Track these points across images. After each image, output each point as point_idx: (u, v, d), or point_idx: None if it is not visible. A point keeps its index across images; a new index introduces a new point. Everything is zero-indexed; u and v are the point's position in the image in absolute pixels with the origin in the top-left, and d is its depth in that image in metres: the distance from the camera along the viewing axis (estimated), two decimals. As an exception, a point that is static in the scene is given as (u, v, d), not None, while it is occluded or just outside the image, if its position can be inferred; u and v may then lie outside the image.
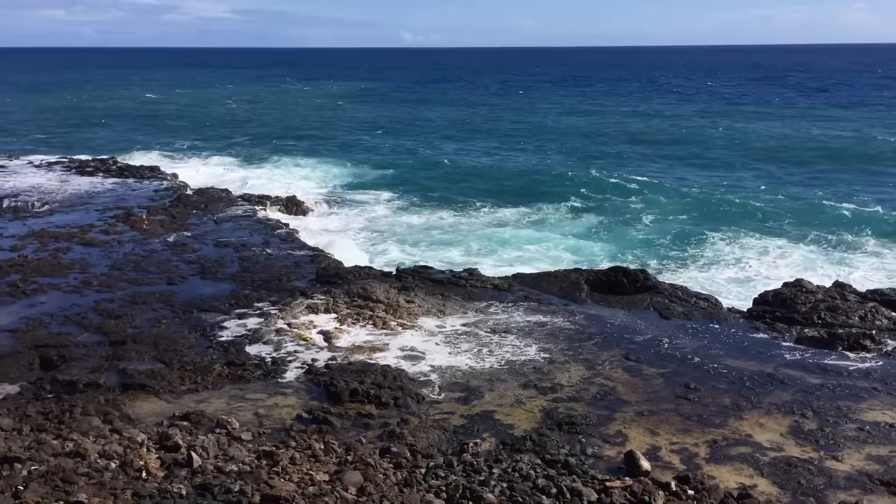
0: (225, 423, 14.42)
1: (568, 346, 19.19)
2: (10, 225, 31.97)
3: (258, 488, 11.64)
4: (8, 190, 39.89)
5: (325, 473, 12.62)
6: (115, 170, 47.47)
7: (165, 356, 18.05)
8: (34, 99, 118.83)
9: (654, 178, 52.57)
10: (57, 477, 11.24)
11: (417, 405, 15.87)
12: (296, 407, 15.73)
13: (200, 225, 32.71)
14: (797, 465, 13.59)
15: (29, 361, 17.88)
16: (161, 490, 11.37)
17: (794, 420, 15.30)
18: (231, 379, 17.07)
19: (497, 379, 17.20)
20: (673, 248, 34.48)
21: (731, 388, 16.76)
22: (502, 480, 12.69)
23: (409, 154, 64.49)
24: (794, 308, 21.74)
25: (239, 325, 20.37)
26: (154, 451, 12.95)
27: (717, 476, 13.24)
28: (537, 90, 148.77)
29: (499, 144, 70.68)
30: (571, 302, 22.97)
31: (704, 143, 68.62)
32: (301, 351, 18.74)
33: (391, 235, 36.35)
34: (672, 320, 21.45)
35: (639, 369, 17.79)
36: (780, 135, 72.10)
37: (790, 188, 48.81)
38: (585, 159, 61.31)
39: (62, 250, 27.65)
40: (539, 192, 46.96)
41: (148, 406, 15.77)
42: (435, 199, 45.64)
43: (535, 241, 35.49)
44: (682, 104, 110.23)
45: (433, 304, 22.11)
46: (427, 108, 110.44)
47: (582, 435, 14.68)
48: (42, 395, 16.03)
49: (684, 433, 14.78)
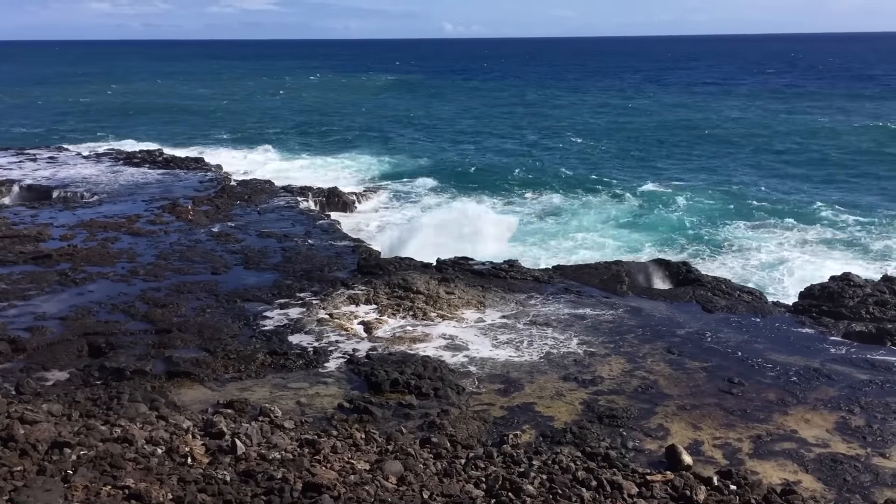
0: (268, 412, 14.63)
1: (609, 339, 19.07)
2: (61, 215, 32.71)
3: (300, 476, 11.77)
4: (58, 181, 40.78)
5: (365, 462, 12.72)
6: (161, 160, 48.25)
7: (210, 345, 18.35)
8: (78, 90, 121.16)
9: (697, 170, 51.87)
10: (105, 462, 11.47)
11: (457, 396, 15.92)
12: (337, 396, 15.90)
13: (244, 215, 33.10)
14: (843, 461, 13.36)
15: (78, 349, 18.33)
16: (206, 476, 11.56)
17: (840, 416, 15.03)
18: (273, 368, 17.31)
19: (537, 371, 17.17)
20: (715, 241, 34.01)
21: (776, 382, 16.52)
22: (542, 472, 12.67)
23: (450, 145, 64.53)
24: (841, 302, 21.31)
25: (281, 315, 20.62)
26: (199, 437, 13.17)
27: (760, 471, 13.09)
28: (577, 81, 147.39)
29: (539, 136, 70.28)
30: (612, 294, 22.80)
31: (753, 135, 67.37)
32: (342, 341, 18.91)
33: (436, 225, 36.21)
34: (715, 314, 21.18)
35: (681, 363, 17.61)
36: (827, 129, 70.32)
37: (838, 182, 47.76)
38: (626, 151, 60.69)
39: (110, 240, 28.22)
40: (581, 184, 46.65)
41: (193, 393, 16.06)
42: (475, 188, 45.61)
43: (580, 229, 35.32)
44: (720, 96, 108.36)
45: (473, 296, 22.12)
46: (467, 98, 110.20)
47: (623, 428, 14.60)
48: (90, 381, 16.41)
49: (727, 428, 14.62)
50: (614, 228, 36.24)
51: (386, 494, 11.49)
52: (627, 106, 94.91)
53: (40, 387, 15.83)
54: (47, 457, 11.49)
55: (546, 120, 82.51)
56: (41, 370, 17.00)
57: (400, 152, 58.98)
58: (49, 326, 19.58)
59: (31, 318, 20.06)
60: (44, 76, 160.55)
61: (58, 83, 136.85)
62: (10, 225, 30.34)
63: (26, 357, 17.74)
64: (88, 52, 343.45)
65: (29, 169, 44.90)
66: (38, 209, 33.93)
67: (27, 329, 19.32)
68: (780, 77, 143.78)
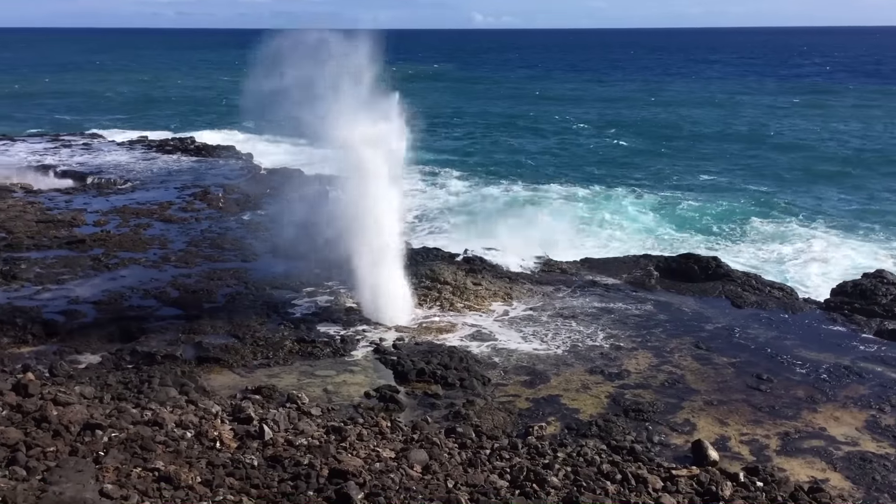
0: (295, 398, 14.78)
1: (636, 333, 18.99)
2: (95, 201, 33.19)
3: (326, 462, 11.90)
4: (93, 167, 41.36)
5: (391, 451, 12.82)
6: (192, 149, 48.71)
7: (239, 331, 18.56)
8: (112, 78, 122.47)
9: (728, 165, 51.31)
10: (136, 444, 11.68)
11: (483, 387, 15.96)
12: (364, 385, 16.02)
13: (273, 204, 33.31)
14: (872, 460, 13.22)
15: (110, 333, 18.62)
16: (234, 460, 11.74)
17: (870, 414, 14.87)
18: (301, 355, 17.47)
19: (563, 363, 17.15)
20: (744, 236, 33.62)
21: (805, 380, 16.36)
22: (567, 464, 12.69)
23: (480, 135, 64.41)
24: (874, 300, 21.02)
25: (309, 303, 20.79)
26: (228, 422, 13.35)
27: (787, 469, 12.99)
28: (606, 73, 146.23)
29: (565, 129, 69.88)
30: (640, 288, 22.67)
31: (784, 132, 66.34)
32: (369, 330, 19.02)
33: (466, 215, 36.19)
34: (745, 309, 20.99)
35: (709, 358, 17.50)
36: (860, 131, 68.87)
37: (870, 181, 46.90)
38: (655, 145, 60.16)
39: (143, 226, 28.59)
40: (608, 177, 46.35)
41: (222, 379, 16.27)
42: (505, 177, 45.56)
43: (604, 225, 35.10)
44: (752, 92, 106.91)
45: (500, 287, 22.12)
46: (495, 89, 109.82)
47: (649, 422, 14.56)
48: (122, 365, 16.68)
49: (755, 424, 14.51)
50: (640, 223, 35.93)
51: (411, 483, 11.58)
52: (650, 100, 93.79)
53: (73, 370, 16.14)
54: (79, 438, 11.74)
55: (572, 112, 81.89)
56: (74, 353, 17.32)
57: (425, 142, 58.92)
58: (82, 310, 19.92)
59: (64, 302, 20.42)
60: (77, 63, 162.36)
61: (91, 70, 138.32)
62: (44, 210, 30.85)
63: (60, 340, 18.08)
64: (121, 41, 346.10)
65: (64, 155, 45.59)
66: (72, 195, 34.46)
67: (61, 313, 19.68)
68: (815, 72, 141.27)
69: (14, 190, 34.74)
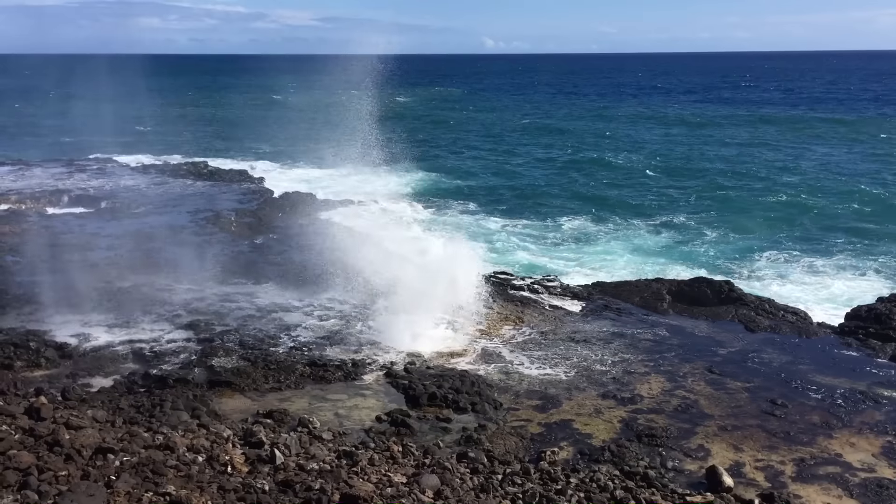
0: (307, 422, 14.74)
1: (648, 357, 18.88)
2: (108, 225, 33.40)
3: (338, 487, 11.83)
4: (106, 191, 41.67)
5: (402, 475, 12.74)
6: (205, 173, 49.06)
7: (250, 355, 18.55)
8: (127, 103, 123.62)
9: (740, 188, 51.23)
10: (147, 468, 11.65)
11: (495, 411, 15.88)
12: (375, 409, 15.97)
13: (285, 228, 33.48)
14: (889, 487, 13.06)
15: (122, 356, 18.66)
16: (245, 485, 11.68)
17: (887, 440, 14.70)
18: (313, 379, 17.44)
19: (575, 388, 17.06)
20: (757, 261, 33.52)
21: (820, 405, 16.21)
22: (579, 490, 12.58)
23: (487, 161, 64.57)
24: (889, 324, 20.85)
25: (320, 327, 20.78)
26: (239, 446, 13.32)
27: (803, 495, 12.84)
28: (613, 100, 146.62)
29: (574, 151, 69.96)
30: (652, 312, 22.59)
31: (794, 155, 66.20)
32: (380, 354, 18.99)
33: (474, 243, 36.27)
34: (758, 333, 20.86)
35: (722, 383, 17.37)
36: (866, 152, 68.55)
37: (882, 201, 46.72)
38: (665, 168, 60.12)
39: (155, 250, 28.72)
40: (615, 207, 46.31)
41: (233, 403, 16.26)
42: (514, 204, 45.61)
43: (613, 251, 35.07)
44: (761, 119, 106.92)
45: (511, 311, 22.07)
46: (504, 115, 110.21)
47: (662, 448, 14.43)
48: (134, 389, 16.69)
49: (770, 450, 14.37)
50: (649, 252, 35.86)
51: (422, 508, 11.49)
52: (658, 128, 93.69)
53: (85, 393, 16.15)
54: (91, 462, 11.71)
55: (582, 140, 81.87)
56: (86, 377, 17.35)
57: (436, 169, 59.13)
58: (95, 334, 19.98)
59: (77, 326, 20.48)
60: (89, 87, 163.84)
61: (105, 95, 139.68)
62: (58, 234, 31.06)
63: (72, 364, 18.12)
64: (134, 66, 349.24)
65: (79, 179, 45.97)
66: (85, 219, 34.70)
67: (74, 336, 19.73)
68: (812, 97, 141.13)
69: (28, 214, 35.03)
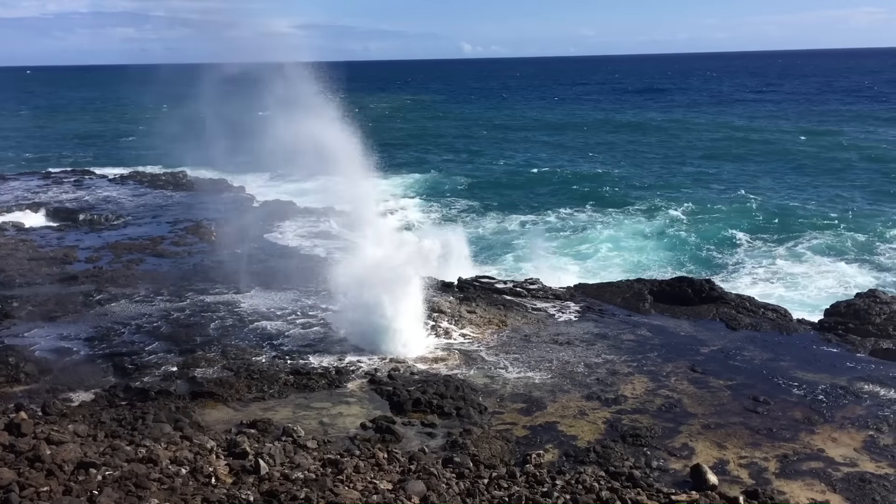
0: (291, 431, 14.67)
1: (631, 358, 18.96)
2: (87, 237, 33.14)
3: (323, 496, 11.78)
4: (84, 203, 41.33)
5: (388, 482, 12.71)
6: (185, 183, 48.79)
7: (233, 365, 18.44)
8: (103, 115, 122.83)
9: (721, 186, 51.63)
10: (130, 482, 11.55)
11: (480, 415, 15.88)
12: (359, 416, 15.91)
13: (266, 236, 33.35)
14: (871, 480, 13.17)
15: (103, 369, 18.49)
16: (230, 496, 11.61)
17: (868, 435, 14.84)
18: (296, 388, 17.35)
19: (559, 390, 17.09)
20: (737, 259, 33.76)
21: (802, 401, 16.34)
22: (565, 492, 12.60)
23: (472, 163, 64.68)
24: (867, 319, 21.06)
25: (303, 335, 20.69)
26: (223, 457, 13.23)
27: (787, 491, 12.92)
28: (596, 99, 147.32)
29: (560, 152, 70.25)
30: (635, 312, 22.69)
31: (776, 153, 66.72)
32: (363, 361, 18.93)
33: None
34: (739, 331, 21.01)
35: (705, 381, 17.47)
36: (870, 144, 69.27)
37: (858, 201, 47.22)
38: (647, 170, 60.52)
39: (135, 261, 28.53)
40: (604, 202, 46.59)
41: (217, 413, 16.14)
42: (498, 206, 45.78)
43: (602, 247, 35.29)
44: (748, 113, 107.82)
45: (495, 315, 22.09)
46: (486, 117, 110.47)
47: (647, 447, 14.49)
48: (115, 402, 16.54)
49: (753, 447, 14.46)
50: (636, 247, 36.08)
51: (409, 514, 11.47)
52: (643, 122, 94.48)
53: (66, 407, 15.98)
54: (73, 477, 11.60)
55: (570, 138, 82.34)
56: (67, 391, 17.17)
57: (425, 171, 59.20)
58: (75, 347, 19.80)
59: (56, 339, 20.29)
60: (67, 101, 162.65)
61: (78, 109, 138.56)
62: (36, 247, 30.77)
63: (52, 378, 17.94)
64: (111, 77, 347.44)
65: (56, 192, 45.58)
66: (63, 231, 34.40)
67: (53, 350, 19.54)
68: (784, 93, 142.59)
69: (6, 228, 34.67)
